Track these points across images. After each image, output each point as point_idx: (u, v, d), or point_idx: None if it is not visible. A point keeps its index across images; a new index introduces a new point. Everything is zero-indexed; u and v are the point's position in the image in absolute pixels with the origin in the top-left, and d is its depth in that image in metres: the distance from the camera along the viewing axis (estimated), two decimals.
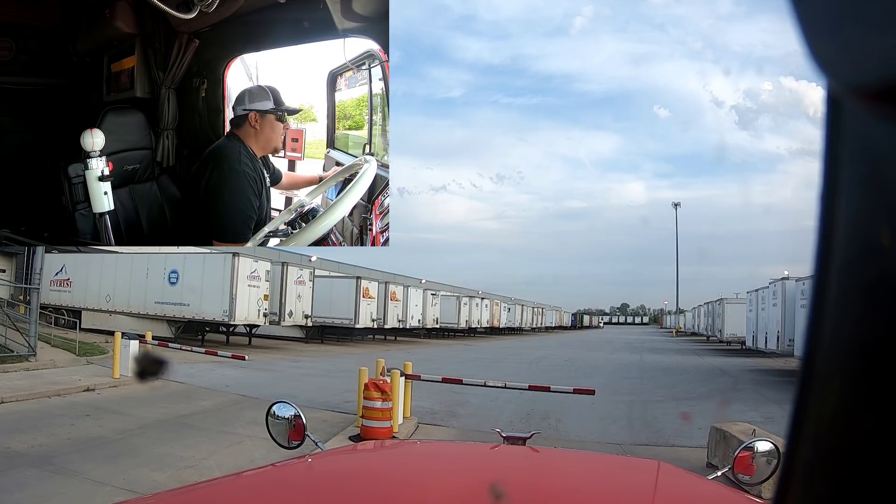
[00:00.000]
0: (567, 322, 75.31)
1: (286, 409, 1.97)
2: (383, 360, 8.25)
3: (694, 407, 11.23)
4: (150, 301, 19.68)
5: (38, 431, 6.89)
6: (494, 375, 16.22)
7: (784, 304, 17.81)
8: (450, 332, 36.00)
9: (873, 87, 0.30)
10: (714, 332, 33.68)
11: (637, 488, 1.50)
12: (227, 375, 12.08)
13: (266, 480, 1.43)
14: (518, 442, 1.85)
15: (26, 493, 4.84)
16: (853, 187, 0.35)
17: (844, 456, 0.35)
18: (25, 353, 12.36)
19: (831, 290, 0.36)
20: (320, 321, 24.26)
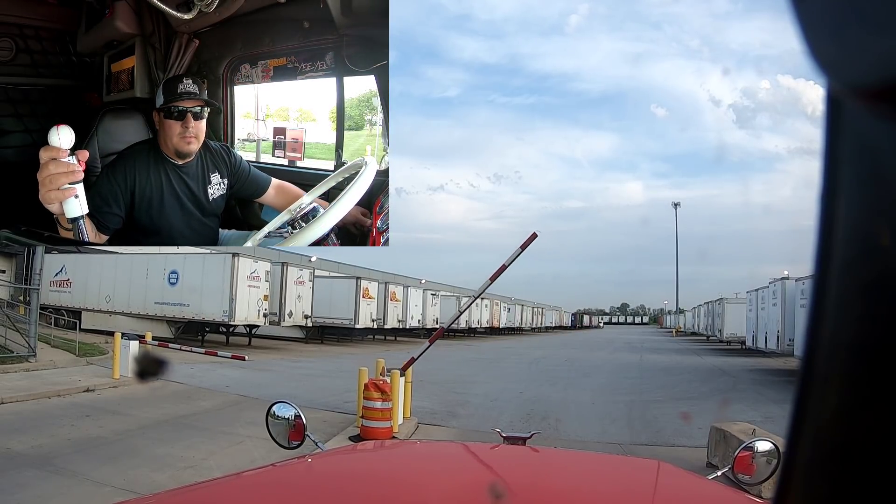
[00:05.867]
0: (567, 322, 75.28)
1: (286, 409, 1.97)
2: (383, 361, 8.25)
3: (694, 407, 11.23)
4: (150, 301, 19.67)
5: (38, 432, 6.89)
6: (494, 375, 16.25)
7: (784, 304, 17.81)
8: (450, 332, 35.98)
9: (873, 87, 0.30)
10: (714, 331, 33.68)
11: (637, 488, 1.50)
12: (227, 376, 12.08)
13: (266, 480, 1.43)
14: (518, 442, 1.84)
15: (26, 494, 4.83)
16: (853, 187, 0.35)
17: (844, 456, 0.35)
18: (25, 353, 12.35)
19: (831, 290, 0.36)
20: (320, 321, 24.26)
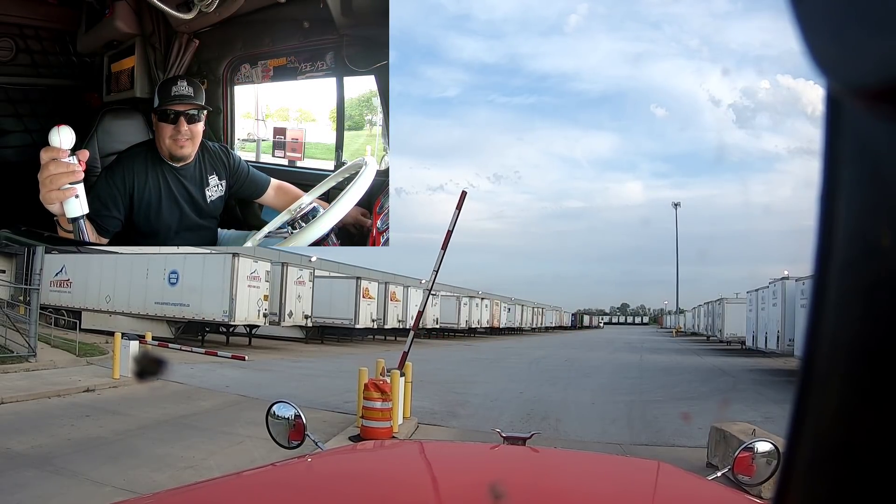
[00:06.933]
0: (567, 322, 75.28)
1: (286, 409, 1.97)
2: (383, 361, 8.25)
3: (694, 407, 11.22)
4: (150, 301, 19.68)
5: (38, 432, 6.89)
6: (494, 375, 16.24)
7: (784, 304, 17.81)
8: (450, 332, 35.98)
9: (873, 87, 0.30)
10: (714, 332, 33.68)
11: (637, 488, 1.50)
12: (227, 376, 12.08)
13: (266, 480, 1.43)
14: (518, 442, 1.84)
15: (26, 494, 4.83)
16: (853, 187, 0.35)
17: (844, 456, 0.35)
18: (25, 353, 12.35)
19: (831, 290, 0.36)
20: (320, 321, 24.26)
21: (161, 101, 3.85)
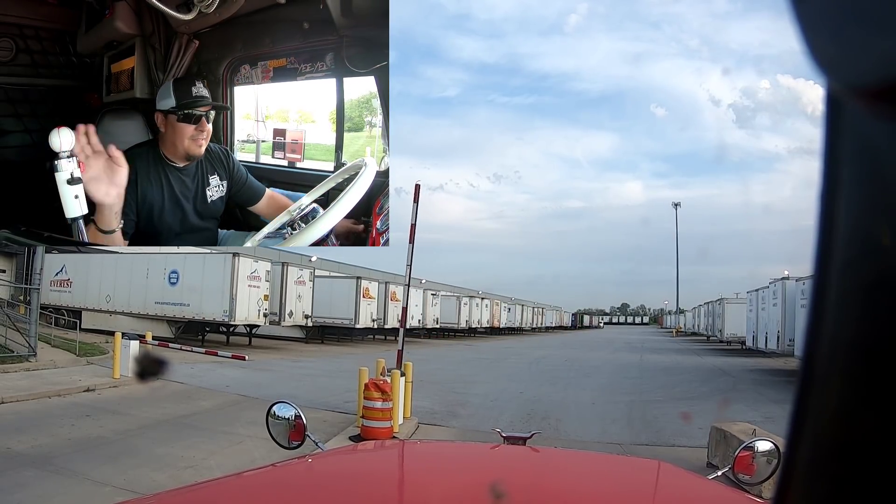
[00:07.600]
0: (567, 322, 75.28)
1: (286, 409, 1.97)
2: (383, 361, 8.25)
3: (694, 407, 11.22)
4: (151, 301, 19.68)
5: (38, 431, 6.89)
6: (494, 375, 16.24)
7: (784, 304, 17.81)
8: (450, 332, 35.97)
9: (873, 87, 0.30)
10: (714, 332, 33.67)
11: (637, 488, 1.50)
12: (228, 375, 12.08)
13: (266, 480, 1.43)
14: (518, 442, 1.84)
15: (27, 494, 4.83)
16: (853, 187, 0.35)
17: (844, 456, 0.35)
18: (26, 353, 12.35)
19: (831, 290, 0.36)
20: (320, 321, 24.25)
21: (181, 103, 3.83)
